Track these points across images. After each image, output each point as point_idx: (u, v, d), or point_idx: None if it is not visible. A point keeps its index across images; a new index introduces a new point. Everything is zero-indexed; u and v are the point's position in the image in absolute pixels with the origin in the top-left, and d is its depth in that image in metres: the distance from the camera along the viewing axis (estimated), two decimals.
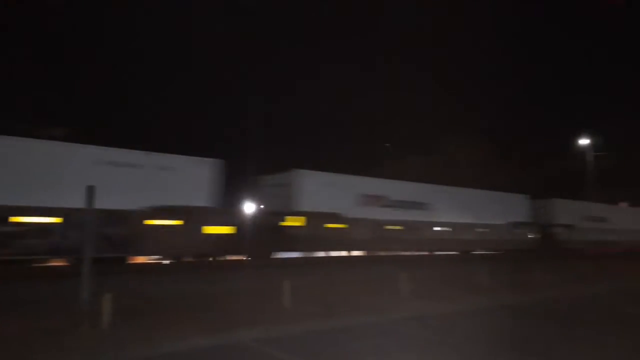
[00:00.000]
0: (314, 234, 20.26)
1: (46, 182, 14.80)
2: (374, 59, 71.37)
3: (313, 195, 20.81)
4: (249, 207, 22.61)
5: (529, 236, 30.53)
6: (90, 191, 7.57)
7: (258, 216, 20.00)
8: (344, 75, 65.38)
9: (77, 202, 8.86)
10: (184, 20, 58.93)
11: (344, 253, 23.21)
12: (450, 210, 26.06)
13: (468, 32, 59.71)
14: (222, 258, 18.55)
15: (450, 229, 25.91)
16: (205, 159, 17.95)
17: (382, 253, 23.64)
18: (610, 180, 42.32)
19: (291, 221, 19.98)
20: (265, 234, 18.74)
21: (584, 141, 40.37)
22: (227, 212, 18.98)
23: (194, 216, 16.81)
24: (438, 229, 25.54)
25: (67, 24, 53.02)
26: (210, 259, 18.13)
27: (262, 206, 22.06)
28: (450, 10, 56.89)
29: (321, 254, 22.74)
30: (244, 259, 19.10)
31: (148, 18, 52.33)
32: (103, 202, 8.49)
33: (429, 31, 58.07)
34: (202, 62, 65.77)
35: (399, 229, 23.64)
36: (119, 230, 15.39)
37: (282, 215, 19.80)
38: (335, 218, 21.09)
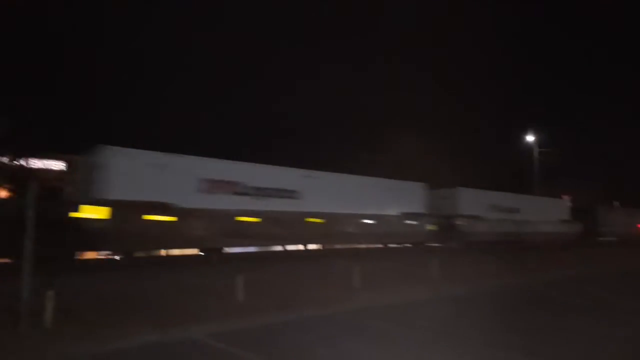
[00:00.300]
0: (125, 229, 15.88)
1: None
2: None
3: (129, 179, 16.48)
4: None
5: (426, 228, 27.20)
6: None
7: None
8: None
9: None
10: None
11: (300, 247, 22.76)
12: (326, 199, 22.43)
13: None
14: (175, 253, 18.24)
15: (326, 221, 22.14)
16: None
17: (235, 249, 20.67)
18: (556, 175, 44.86)
19: (88, 212, 15.50)
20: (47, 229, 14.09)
21: (530, 138, 42.43)
22: None
23: None
24: (311, 220, 21.71)
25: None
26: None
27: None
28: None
29: (278, 248, 22.45)
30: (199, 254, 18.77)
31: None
32: None
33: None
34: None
35: (256, 222, 19.60)
36: None
37: (74, 205, 15.35)
38: (161, 209, 16.72)
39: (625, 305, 10.31)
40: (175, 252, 20.01)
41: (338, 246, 25.41)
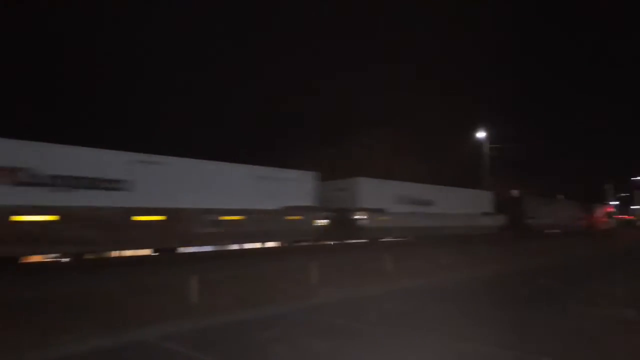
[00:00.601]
0: None
1: None
2: None
3: None
4: None
5: (314, 224, 22.87)
6: None
7: None
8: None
9: None
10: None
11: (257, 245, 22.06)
12: (170, 192, 17.68)
13: None
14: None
15: (167, 218, 17.40)
16: None
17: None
18: (506, 171, 46.71)
19: None
20: None
21: (481, 134, 43.21)
22: None
23: None
24: (141, 219, 16.85)
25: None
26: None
27: None
28: None
29: (234, 246, 21.34)
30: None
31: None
32: None
33: None
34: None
35: (49, 221, 14.61)
36: None
37: None
38: None
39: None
40: (128, 252, 18.03)
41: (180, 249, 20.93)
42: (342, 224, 25.33)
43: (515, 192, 42.26)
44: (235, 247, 21.50)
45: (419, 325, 7.37)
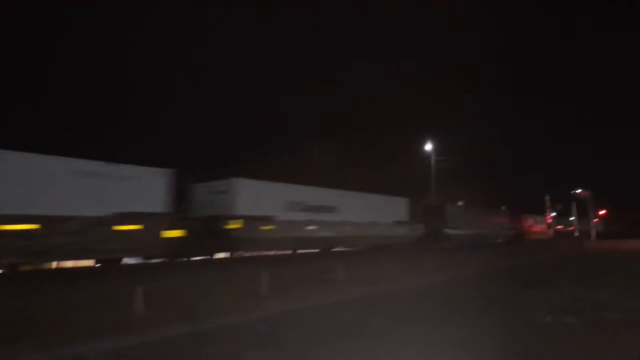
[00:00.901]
0: None
1: None
2: None
3: None
4: None
5: (160, 235, 17.80)
6: None
7: None
8: None
9: None
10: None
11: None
12: None
13: None
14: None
15: None
16: None
17: None
18: (452, 182, 46.45)
19: None
20: None
21: (428, 146, 43.97)
22: None
23: None
24: None
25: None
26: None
27: None
28: None
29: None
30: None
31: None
32: None
33: None
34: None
35: None
36: None
37: None
38: None
39: None
40: (68, 264, 17.36)
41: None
42: (211, 234, 20.43)
43: (436, 201, 39.51)
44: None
45: (368, 334, 7.33)
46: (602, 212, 65.56)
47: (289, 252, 24.52)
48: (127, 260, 18.01)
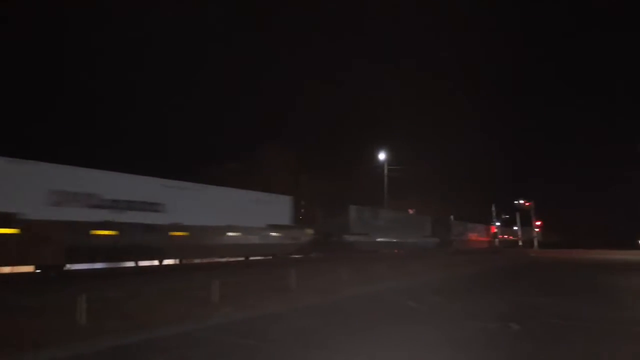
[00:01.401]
0: None
1: None
2: None
3: None
4: None
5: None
6: None
7: None
8: None
9: None
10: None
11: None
12: None
13: None
14: None
15: None
16: None
17: None
18: (403, 190, 48.04)
19: None
20: None
21: (381, 156, 45.01)
22: None
23: None
24: None
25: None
26: None
27: None
28: None
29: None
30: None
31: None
32: None
33: None
34: None
35: None
36: None
37: None
38: None
39: None
40: (5, 269, 15.89)
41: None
42: None
43: (331, 203, 34.19)
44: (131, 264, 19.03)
45: (319, 343, 7.29)
46: (537, 223, 68.77)
47: (241, 259, 23.77)
48: (71, 267, 16.93)
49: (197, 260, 22.36)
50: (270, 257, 24.44)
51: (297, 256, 26.50)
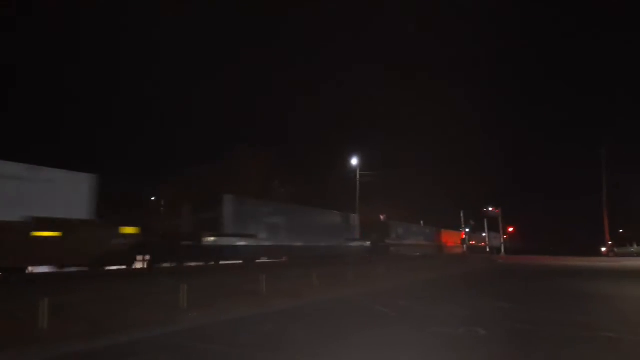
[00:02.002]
0: None
1: None
2: None
3: None
4: None
5: None
6: None
7: None
8: None
9: None
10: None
11: None
12: None
13: None
14: None
15: None
16: None
17: None
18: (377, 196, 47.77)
19: None
20: None
21: (354, 161, 45.77)
22: None
23: None
24: None
25: None
26: None
27: None
28: None
29: None
30: None
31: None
32: None
33: None
34: None
35: None
36: None
37: None
38: None
39: None
40: None
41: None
42: None
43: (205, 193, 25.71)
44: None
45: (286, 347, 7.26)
46: (509, 229, 70.13)
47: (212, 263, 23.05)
48: (33, 269, 16.24)
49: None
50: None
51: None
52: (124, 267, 18.70)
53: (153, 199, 25.60)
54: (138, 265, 19.72)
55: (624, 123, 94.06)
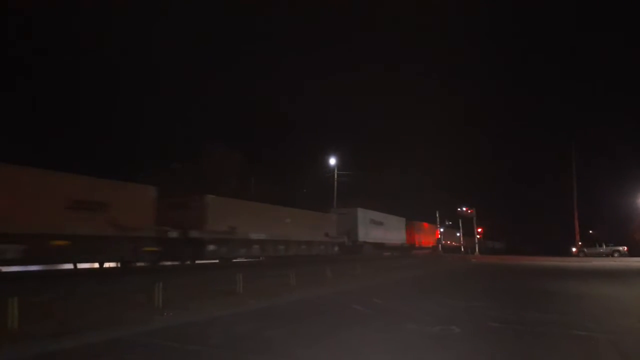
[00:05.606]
0: None
1: None
2: None
3: None
4: None
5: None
6: None
7: None
8: None
9: None
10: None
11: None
12: None
13: None
14: None
15: None
16: None
17: None
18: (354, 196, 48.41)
19: None
20: None
21: (332, 161, 47.50)
22: None
23: None
24: None
25: None
26: None
27: None
28: None
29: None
30: None
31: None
32: None
33: None
34: None
35: None
36: None
37: None
38: None
39: None
40: None
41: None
42: None
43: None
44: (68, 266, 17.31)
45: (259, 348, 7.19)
46: (479, 229, 71.12)
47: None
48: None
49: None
50: None
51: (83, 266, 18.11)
52: (96, 265, 18.42)
53: None
54: (111, 264, 19.52)
55: (595, 127, 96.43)
